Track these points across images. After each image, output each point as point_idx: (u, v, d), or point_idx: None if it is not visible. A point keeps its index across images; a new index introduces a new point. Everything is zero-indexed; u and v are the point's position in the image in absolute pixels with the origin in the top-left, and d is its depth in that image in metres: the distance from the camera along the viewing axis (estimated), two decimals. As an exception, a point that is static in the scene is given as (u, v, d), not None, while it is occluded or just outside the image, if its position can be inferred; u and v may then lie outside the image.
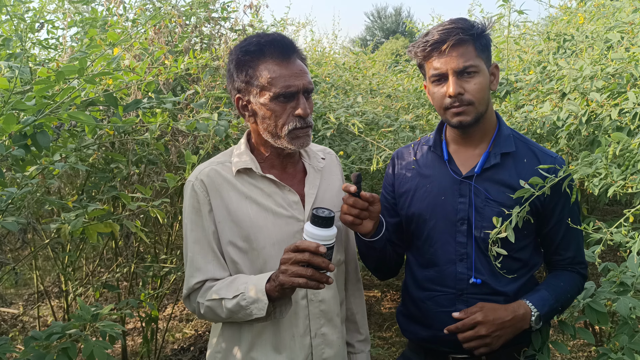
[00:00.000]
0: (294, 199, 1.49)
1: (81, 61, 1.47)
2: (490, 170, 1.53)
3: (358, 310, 1.70)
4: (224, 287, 1.39)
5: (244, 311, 1.34)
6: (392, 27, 35.82)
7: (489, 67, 1.52)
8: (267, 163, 1.51)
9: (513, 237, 1.43)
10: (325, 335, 1.50)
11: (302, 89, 1.41)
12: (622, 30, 2.40)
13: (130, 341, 4.00)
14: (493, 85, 1.53)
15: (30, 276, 4.44)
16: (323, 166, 1.59)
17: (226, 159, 1.51)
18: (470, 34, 1.45)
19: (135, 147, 2.29)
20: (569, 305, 1.59)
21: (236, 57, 1.44)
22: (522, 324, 1.47)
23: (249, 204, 1.45)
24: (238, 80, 1.44)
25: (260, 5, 3.26)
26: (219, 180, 1.46)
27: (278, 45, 1.41)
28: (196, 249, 1.45)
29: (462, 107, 1.47)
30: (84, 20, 2.82)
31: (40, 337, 1.60)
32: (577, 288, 1.58)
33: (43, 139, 1.50)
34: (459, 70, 1.45)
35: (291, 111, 1.40)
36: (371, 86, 4.06)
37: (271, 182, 1.48)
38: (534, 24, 4.64)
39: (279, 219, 1.46)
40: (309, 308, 1.48)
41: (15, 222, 1.69)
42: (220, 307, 1.38)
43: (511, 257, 1.51)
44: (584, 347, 3.63)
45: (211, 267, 1.44)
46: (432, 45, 1.47)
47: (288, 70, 1.39)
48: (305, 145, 1.45)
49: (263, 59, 1.40)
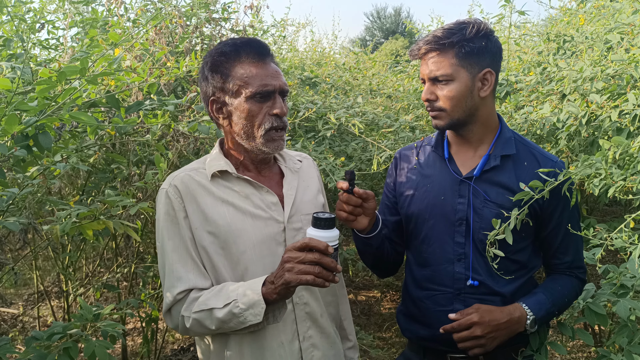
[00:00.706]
0: (272, 200, 1.45)
1: (83, 61, 1.47)
2: (489, 172, 1.54)
3: (346, 316, 1.68)
4: (212, 297, 1.33)
5: (237, 319, 1.30)
6: (391, 28, 35.85)
7: (477, 74, 1.49)
8: (241, 167, 1.48)
9: (511, 239, 1.44)
10: (312, 337, 1.46)
11: (278, 89, 1.40)
12: (622, 32, 2.41)
13: (131, 341, 4.00)
14: (483, 91, 1.50)
15: (31, 276, 4.44)
16: (300, 167, 1.58)
17: (199, 166, 1.47)
18: (443, 43, 1.46)
19: (136, 148, 2.29)
20: (565, 309, 1.59)
21: (211, 59, 1.42)
22: (517, 326, 1.48)
23: (225, 207, 1.41)
24: (213, 82, 1.42)
25: (261, 6, 3.26)
26: (193, 186, 1.41)
27: (254, 46, 1.40)
28: (175, 258, 1.39)
29: (435, 112, 1.53)
30: (84, 20, 2.83)
31: (41, 337, 1.61)
32: (574, 292, 1.59)
33: (45, 140, 1.51)
34: (432, 77, 1.49)
35: (267, 110, 1.39)
36: (371, 87, 4.07)
37: (247, 183, 1.45)
38: (533, 25, 4.65)
39: (257, 221, 1.42)
40: (295, 312, 1.44)
41: (16, 222, 1.70)
42: (209, 318, 1.32)
43: (509, 259, 1.52)
44: (583, 347, 3.63)
45: (192, 275, 1.38)
46: (415, 51, 1.53)
47: (264, 70, 1.39)
48: (279, 148, 1.43)
49: (239, 59, 1.39)
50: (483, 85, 1.50)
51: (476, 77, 1.49)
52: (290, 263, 1.25)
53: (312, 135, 2.81)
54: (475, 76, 1.48)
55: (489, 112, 1.56)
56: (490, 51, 1.50)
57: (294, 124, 2.71)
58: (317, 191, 1.59)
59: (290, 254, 1.26)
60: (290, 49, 5.06)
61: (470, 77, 1.48)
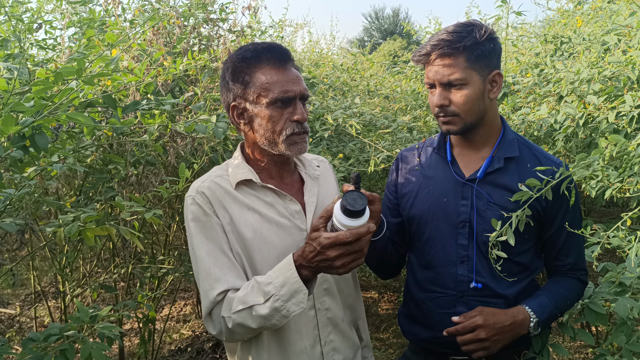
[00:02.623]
0: (295, 209, 1.46)
1: (79, 62, 1.46)
2: (493, 174, 1.54)
3: (360, 316, 1.67)
4: (249, 293, 1.30)
5: (279, 314, 1.27)
6: (389, 29, 35.82)
7: (487, 76, 1.49)
8: (264, 174, 1.48)
9: (513, 240, 1.44)
10: (333, 342, 1.47)
11: (299, 95, 1.40)
12: (619, 34, 2.41)
13: (128, 342, 3.99)
14: (492, 93, 1.51)
15: (28, 277, 4.42)
16: (319, 174, 1.58)
17: (223, 172, 1.47)
18: (457, 47, 1.44)
19: (133, 148, 2.29)
20: (567, 310, 1.60)
21: (232, 64, 1.42)
22: (521, 329, 1.48)
23: (251, 214, 1.41)
24: (234, 88, 1.42)
25: (259, 6, 3.26)
26: (220, 192, 1.41)
27: (275, 52, 1.40)
28: (211, 261, 1.37)
29: (448, 117, 1.50)
30: (82, 20, 2.82)
31: (38, 339, 1.60)
32: (576, 294, 1.59)
33: (41, 140, 1.50)
34: (445, 82, 1.47)
35: (288, 116, 1.39)
36: (369, 87, 4.07)
37: (272, 191, 1.45)
38: (531, 26, 4.65)
39: (281, 230, 1.42)
40: (317, 317, 1.45)
41: (13, 223, 1.69)
42: (250, 316, 1.28)
43: (511, 261, 1.51)
44: (581, 348, 3.64)
45: (230, 276, 1.36)
46: (423, 56, 1.50)
47: (285, 76, 1.39)
48: (302, 151, 1.43)
49: (260, 65, 1.39)
50: (492, 87, 1.50)
51: (486, 80, 1.48)
52: (340, 260, 1.22)
53: (309, 135, 2.81)
54: (485, 79, 1.48)
55: (495, 114, 1.56)
56: (496, 53, 1.50)
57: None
58: (335, 197, 1.59)
59: (335, 250, 1.22)
60: (288, 50, 5.05)
61: (481, 80, 1.48)
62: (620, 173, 1.61)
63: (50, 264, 3.68)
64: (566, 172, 1.42)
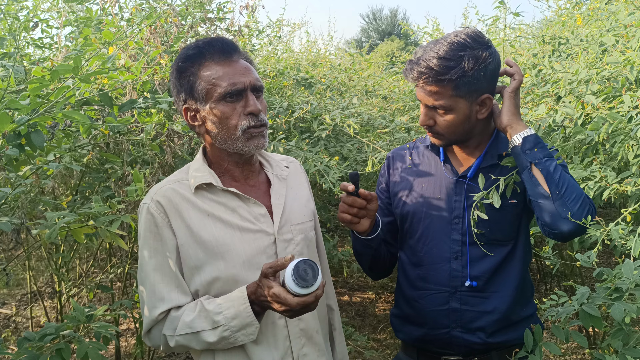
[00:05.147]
0: (260, 212, 1.38)
1: (76, 60, 1.46)
2: (486, 170, 1.54)
3: (336, 326, 1.61)
4: (197, 319, 1.28)
5: (227, 341, 1.27)
6: (387, 29, 35.85)
7: (475, 100, 1.46)
8: (227, 176, 1.41)
9: (498, 203, 1.45)
10: (306, 355, 1.40)
11: (249, 86, 1.33)
12: (617, 34, 2.41)
13: (124, 342, 3.98)
14: (481, 114, 1.48)
15: (24, 276, 4.41)
16: (287, 174, 1.51)
17: (182, 177, 1.40)
18: (442, 80, 1.40)
19: (130, 147, 2.28)
20: (565, 182, 1.42)
21: (176, 66, 1.37)
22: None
23: (212, 222, 1.34)
24: (182, 90, 1.36)
25: (256, 6, 3.26)
26: (177, 200, 1.34)
27: (217, 45, 1.34)
28: (157, 278, 1.32)
29: (433, 134, 1.53)
30: (78, 19, 2.81)
31: (33, 338, 1.59)
32: (582, 192, 1.42)
33: (37, 139, 1.49)
34: (430, 106, 1.47)
35: (241, 110, 1.33)
36: (367, 88, 4.07)
37: (234, 195, 1.37)
38: (528, 27, 4.66)
39: (246, 235, 1.35)
40: (288, 328, 1.37)
41: (8, 223, 1.68)
42: (195, 339, 1.28)
43: (495, 227, 1.51)
44: (577, 349, 3.64)
45: (174, 295, 1.32)
46: (410, 78, 1.47)
47: (232, 68, 1.33)
48: (261, 146, 1.36)
49: (203, 61, 1.33)
50: (481, 108, 1.48)
51: (474, 103, 1.47)
52: (287, 313, 1.21)
53: (307, 135, 2.81)
54: (473, 102, 1.46)
55: (485, 125, 1.56)
56: (488, 77, 1.45)
57: (289, 123, 2.70)
58: (307, 198, 1.54)
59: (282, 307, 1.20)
60: (285, 50, 5.04)
61: (468, 105, 1.46)
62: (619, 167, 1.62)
63: (46, 263, 3.67)
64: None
